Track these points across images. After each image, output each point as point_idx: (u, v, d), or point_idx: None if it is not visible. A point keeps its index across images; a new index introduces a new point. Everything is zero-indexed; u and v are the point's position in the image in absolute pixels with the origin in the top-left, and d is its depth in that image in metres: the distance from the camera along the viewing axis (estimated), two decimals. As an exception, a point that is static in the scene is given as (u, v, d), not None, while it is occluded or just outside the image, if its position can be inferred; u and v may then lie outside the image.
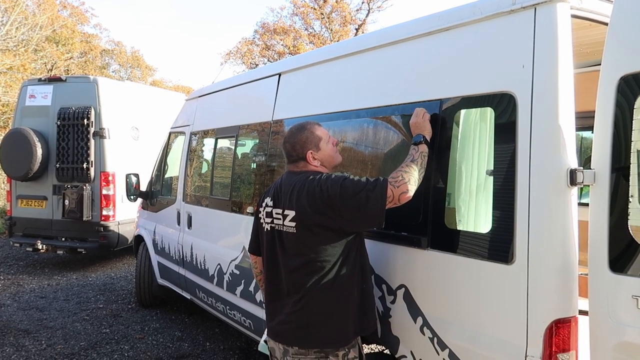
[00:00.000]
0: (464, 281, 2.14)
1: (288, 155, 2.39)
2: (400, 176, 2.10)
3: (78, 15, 25.60)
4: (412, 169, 2.14)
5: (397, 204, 2.10)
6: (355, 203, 2.10)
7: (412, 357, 2.35)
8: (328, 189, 2.13)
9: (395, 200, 2.08)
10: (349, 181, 2.14)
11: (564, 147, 1.86)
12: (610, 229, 1.74)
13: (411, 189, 2.10)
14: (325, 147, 2.36)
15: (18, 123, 8.01)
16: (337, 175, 2.21)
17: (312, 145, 2.32)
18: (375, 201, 2.07)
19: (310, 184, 2.20)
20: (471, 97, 2.20)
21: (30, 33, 16.58)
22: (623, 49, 1.75)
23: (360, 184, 2.12)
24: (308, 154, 2.32)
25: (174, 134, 5.61)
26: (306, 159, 2.32)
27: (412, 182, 2.10)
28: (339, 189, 2.12)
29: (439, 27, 2.39)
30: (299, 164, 2.36)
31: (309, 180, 2.22)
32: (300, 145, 2.32)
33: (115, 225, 7.63)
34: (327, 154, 2.37)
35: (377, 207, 2.08)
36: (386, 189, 2.07)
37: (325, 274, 2.17)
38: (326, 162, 2.38)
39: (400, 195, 2.08)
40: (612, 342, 1.74)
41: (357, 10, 25.60)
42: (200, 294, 4.58)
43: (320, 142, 2.34)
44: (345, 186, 2.12)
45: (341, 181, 2.14)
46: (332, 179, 2.18)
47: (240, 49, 26.96)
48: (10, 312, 5.82)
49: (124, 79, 27.22)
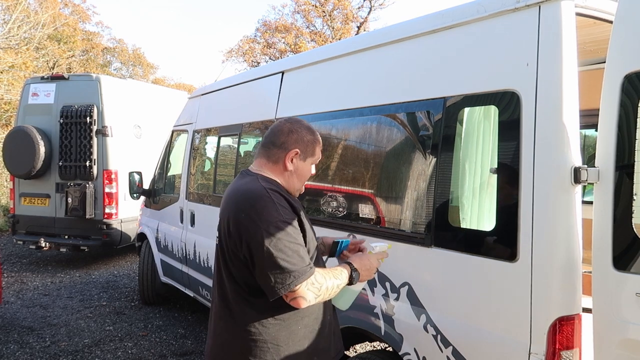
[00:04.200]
0: (468, 279, 2.15)
1: (274, 134, 1.89)
2: (320, 285, 1.70)
3: (80, 13, 25.66)
4: (333, 289, 1.75)
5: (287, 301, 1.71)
6: (258, 265, 1.68)
7: (415, 354, 2.36)
8: (248, 218, 1.69)
9: (289, 300, 1.69)
10: (282, 238, 1.66)
11: (568, 145, 1.86)
12: (614, 227, 1.74)
13: (308, 304, 1.70)
14: (309, 166, 1.94)
15: (21, 121, 8.02)
16: (268, 209, 1.69)
17: (305, 151, 1.89)
18: (274, 285, 1.65)
19: (242, 195, 1.77)
20: (475, 95, 2.20)
21: (32, 31, 16.59)
22: (628, 46, 1.75)
23: (280, 258, 1.64)
24: (294, 151, 1.86)
25: (176, 132, 5.62)
26: (288, 153, 1.86)
27: (318, 298, 1.72)
28: (255, 234, 1.66)
29: (442, 25, 2.39)
30: (272, 154, 1.87)
31: (245, 190, 1.78)
32: (296, 139, 1.87)
33: (118, 223, 7.64)
34: (304, 171, 1.92)
35: (272, 291, 1.66)
36: (296, 285, 1.65)
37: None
38: (297, 176, 1.91)
39: (296, 298, 1.67)
40: (616, 339, 1.75)
41: (359, 8, 25.58)
42: (203, 292, 4.60)
43: (311, 157, 1.93)
44: (266, 238, 1.65)
45: (273, 228, 1.66)
46: (260, 209, 1.69)
47: (242, 47, 26.96)
48: (14, 309, 5.84)
49: (125, 77, 27.23)
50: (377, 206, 2.68)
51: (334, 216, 2.92)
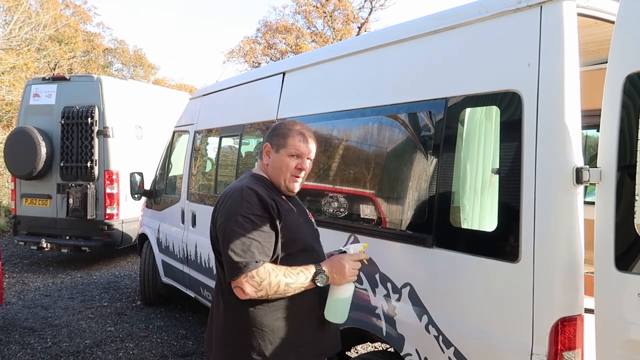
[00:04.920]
0: (470, 279, 2.14)
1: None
2: (261, 280, 1.75)
3: (81, 14, 25.70)
4: (278, 285, 1.77)
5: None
6: (221, 249, 1.85)
7: (417, 355, 2.35)
8: (220, 211, 1.89)
9: (231, 285, 1.81)
10: (232, 231, 1.79)
11: (570, 146, 1.86)
12: (616, 227, 1.74)
13: (248, 296, 1.77)
14: (282, 156, 1.97)
15: (22, 122, 8.04)
16: (234, 204, 1.84)
17: (276, 143, 1.99)
18: (227, 268, 1.80)
19: (226, 191, 1.96)
20: (476, 96, 2.20)
21: (34, 32, 16.61)
22: (630, 47, 1.75)
23: (231, 246, 1.77)
24: (266, 144, 2.02)
25: (177, 132, 5.62)
26: (263, 149, 2.04)
27: (259, 292, 1.77)
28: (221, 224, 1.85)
29: (444, 26, 2.39)
30: (259, 154, 2.09)
31: (231, 187, 1.97)
32: (270, 134, 2.05)
33: (119, 224, 7.65)
34: (277, 162, 1.98)
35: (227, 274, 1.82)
36: (239, 275, 1.75)
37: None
38: (275, 168, 1.99)
39: (236, 288, 1.79)
40: (618, 340, 1.74)
41: (360, 8, 25.57)
42: (204, 292, 4.60)
43: (282, 148, 1.98)
44: (227, 228, 1.81)
45: (232, 221, 1.81)
46: (230, 204, 1.85)
47: (243, 47, 26.96)
48: (15, 310, 5.84)
49: (126, 77, 27.28)
50: (378, 207, 2.68)
51: (335, 217, 2.92)
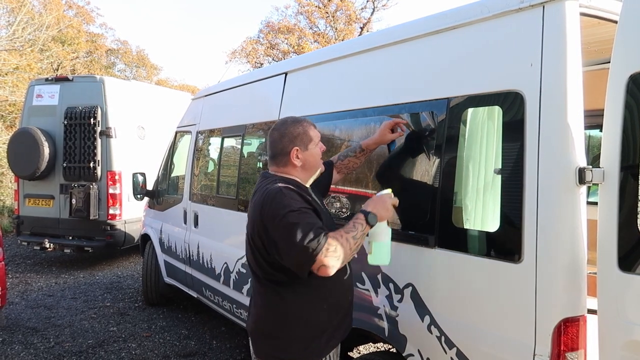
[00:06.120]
0: (472, 280, 2.14)
1: (272, 145, 2.16)
2: (335, 247, 1.87)
3: (84, 14, 25.74)
4: (349, 243, 1.91)
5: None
6: (282, 250, 1.92)
7: (419, 355, 2.35)
8: (267, 215, 1.95)
9: (315, 271, 1.88)
10: (290, 225, 1.87)
11: (573, 146, 1.85)
12: (620, 228, 1.73)
13: (333, 268, 1.88)
14: (314, 149, 2.16)
15: (25, 122, 8.06)
16: (282, 203, 1.93)
17: (301, 143, 2.12)
18: (299, 263, 1.89)
19: (262, 196, 2.02)
20: (479, 96, 2.20)
21: (37, 33, 16.63)
22: (633, 47, 1.74)
23: (296, 237, 1.84)
24: (293, 150, 2.10)
25: (180, 133, 5.63)
26: (290, 155, 2.11)
27: (339, 260, 1.89)
28: (275, 225, 1.92)
29: (446, 26, 2.39)
30: (278, 161, 2.14)
31: (265, 190, 2.03)
32: (289, 139, 2.11)
33: (122, 224, 7.67)
34: (312, 157, 2.15)
35: (301, 268, 1.91)
36: (317, 256, 1.84)
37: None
38: (308, 165, 2.15)
39: (320, 267, 1.86)
40: (621, 341, 1.74)
41: (362, 8, 25.54)
42: (207, 293, 4.60)
43: (310, 143, 2.14)
44: (284, 226, 1.89)
45: (283, 218, 1.89)
46: (276, 205, 1.93)
47: (245, 48, 26.98)
48: (18, 310, 5.86)
49: (129, 78, 27.32)
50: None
51: (337, 217, 2.92)
